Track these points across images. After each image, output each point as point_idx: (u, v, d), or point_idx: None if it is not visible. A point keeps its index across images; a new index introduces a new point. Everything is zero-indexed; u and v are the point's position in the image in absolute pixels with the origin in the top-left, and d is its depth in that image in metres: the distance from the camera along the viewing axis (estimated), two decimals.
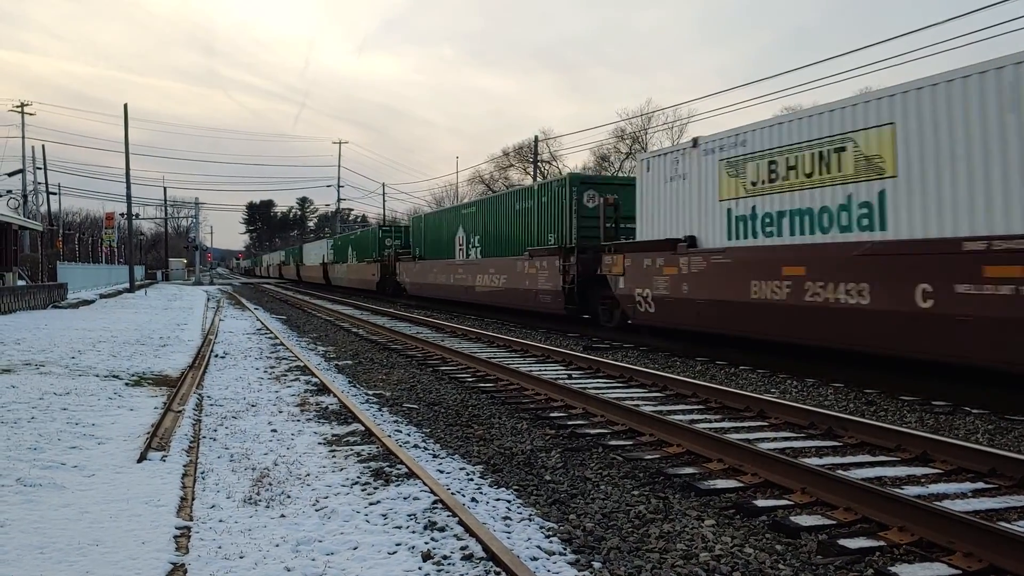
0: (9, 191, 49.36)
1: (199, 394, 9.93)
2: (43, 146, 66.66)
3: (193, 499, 5.56)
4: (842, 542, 4.68)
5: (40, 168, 58.47)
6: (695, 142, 14.50)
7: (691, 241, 14.43)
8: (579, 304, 19.31)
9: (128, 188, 45.13)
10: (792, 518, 5.14)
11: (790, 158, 12.14)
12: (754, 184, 12.90)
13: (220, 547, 4.60)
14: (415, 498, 5.52)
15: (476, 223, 26.74)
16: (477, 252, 26.49)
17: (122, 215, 57.30)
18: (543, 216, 21.13)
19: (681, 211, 14.85)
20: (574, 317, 20.09)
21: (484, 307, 26.39)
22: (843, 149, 11.16)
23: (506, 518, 5.23)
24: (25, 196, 53.95)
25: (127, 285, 45.60)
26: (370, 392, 10.61)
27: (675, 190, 15.03)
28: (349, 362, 14.07)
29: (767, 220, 12.58)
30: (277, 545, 4.65)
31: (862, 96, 11.09)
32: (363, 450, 7.05)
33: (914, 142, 10.02)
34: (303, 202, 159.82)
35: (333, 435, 7.72)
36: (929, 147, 9.82)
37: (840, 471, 5.92)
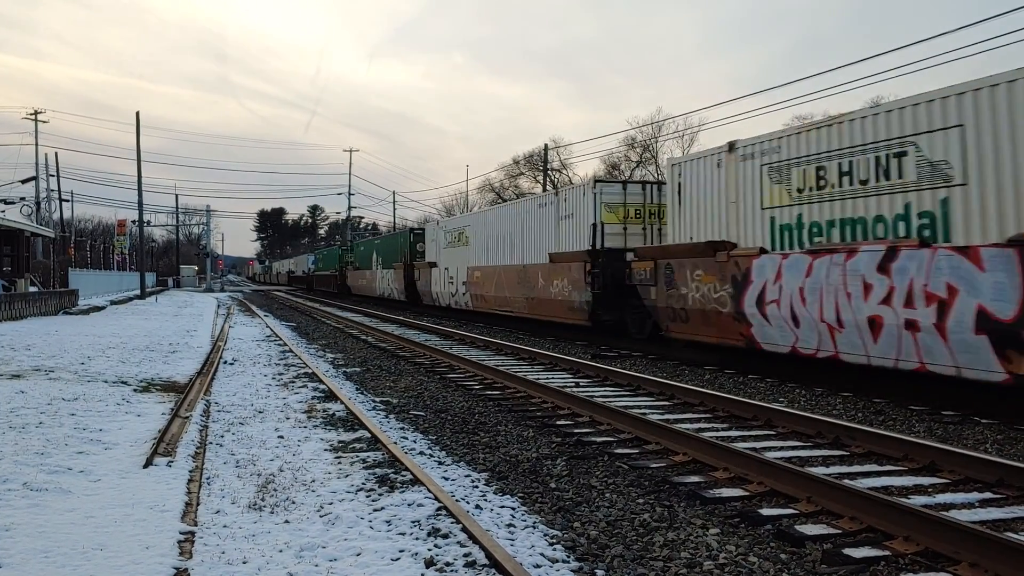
0: (22, 198, 49.74)
1: (207, 400, 9.96)
2: (56, 153, 67.13)
3: (198, 504, 5.58)
4: (847, 551, 4.66)
5: (53, 175, 59.05)
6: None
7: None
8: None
9: (140, 195, 45.49)
10: (797, 527, 5.12)
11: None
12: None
13: (223, 552, 4.61)
14: (419, 505, 5.53)
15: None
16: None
17: (134, 222, 57.75)
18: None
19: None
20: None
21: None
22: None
23: (510, 525, 5.22)
24: (38, 203, 54.41)
25: (138, 292, 45.84)
26: (377, 399, 10.63)
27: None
28: (357, 369, 14.10)
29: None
30: (280, 551, 4.66)
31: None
32: (369, 457, 7.06)
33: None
34: (314, 210, 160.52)
35: (339, 441, 7.73)
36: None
37: (846, 480, 5.89)
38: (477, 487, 6.19)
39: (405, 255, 35.69)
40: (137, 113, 43.32)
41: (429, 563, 4.45)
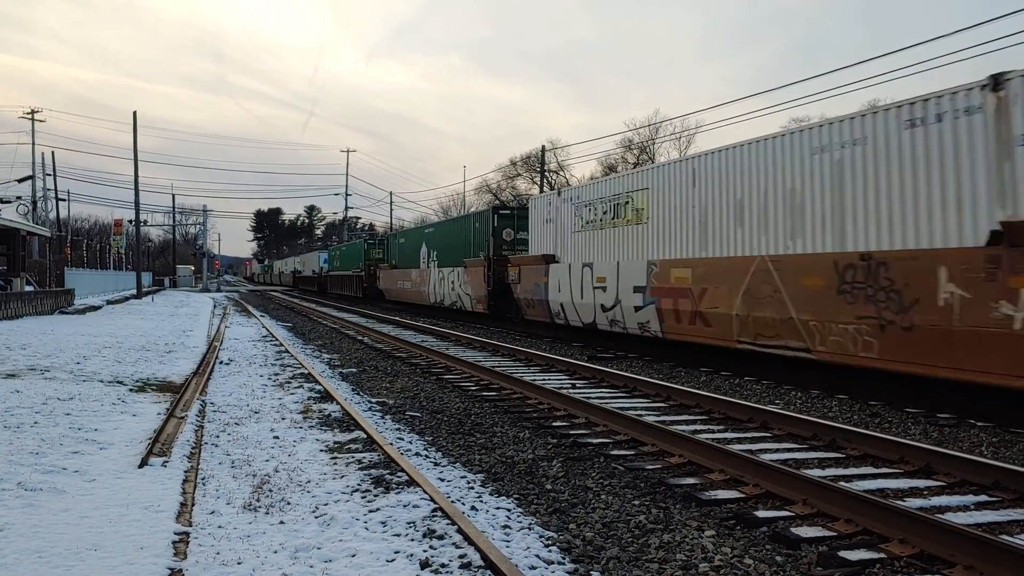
0: (19, 197, 49.62)
1: (202, 400, 9.94)
2: (52, 152, 67.00)
3: (193, 505, 5.56)
4: (842, 554, 4.66)
5: (49, 174, 58.93)
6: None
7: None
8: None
9: (136, 195, 45.41)
10: (793, 529, 5.12)
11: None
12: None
13: (218, 553, 4.60)
14: (415, 506, 5.52)
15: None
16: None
17: (130, 222, 57.60)
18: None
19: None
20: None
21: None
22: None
23: (505, 527, 5.21)
24: (34, 202, 54.31)
25: (134, 291, 45.76)
26: (373, 400, 10.61)
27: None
28: (353, 370, 14.08)
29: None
30: (275, 552, 4.65)
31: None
32: (364, 457, 7.04)
33: None
34: (311, 210, 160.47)
35: (335, 442, 7.71)
36: None
37: (842, 483, 5.89)
38: (473, 488, 6.18)
39: (487, 246, 24.62)
40: (134, 112, 43.31)
41: (424, 564, 4.44)
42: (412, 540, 4.86)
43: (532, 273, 21.21)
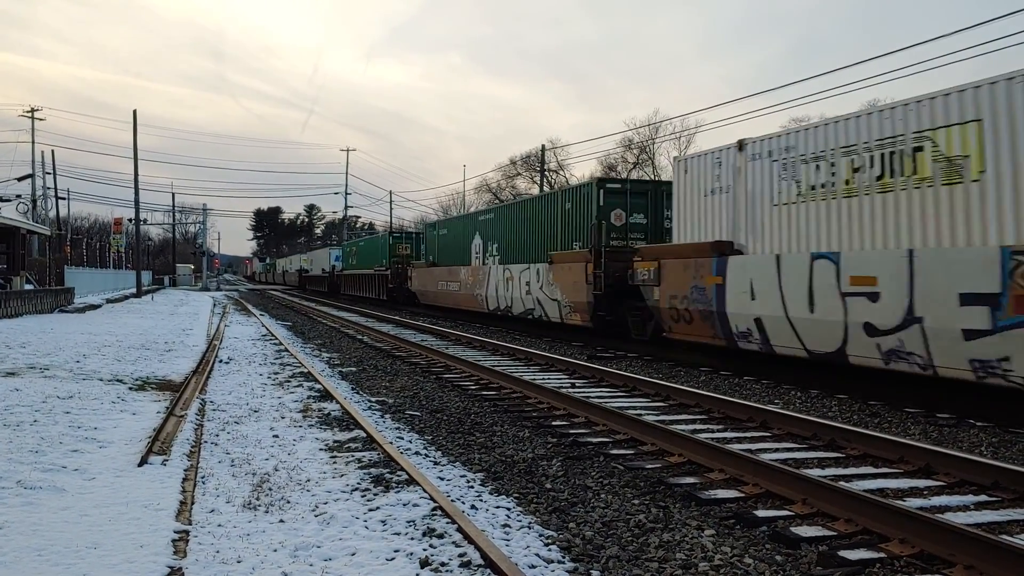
0: (18, 195, 49.57)
1: (202, 399, 9.94)
2: (52, 151, 66.98)
3: (192, 503, 5.56)
4: (842, 554, 4.66)
5: (49, 173, 58.88)
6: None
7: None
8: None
9: (136, 194, 45.43)
10: (792, 529, 5.12)
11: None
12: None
13: (218, 551, 4.60)
14: (415, 505, 5.52)
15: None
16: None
17: (130, 220, 57.56)
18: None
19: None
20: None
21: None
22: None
23: (505, 526, 5.21)
24: (34, 200, 54.26)
25: (134, 290, 45.78)
26: (373, 399, 10.61)
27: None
28: (353, 369, 14.08)
29: None
30: (275, 550, 4.65)
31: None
32: (364, 456, 7.04)
33: None
34: (310, 209, 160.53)
35: (335, 441, 7.71)
36: None
37: (842, 482, 5.88)
38: (473, 487, 6.18)
39: (591, 234, 17.67)
40: (134, 111, 43.41)
41: (424, 563, 4.44)
42: (412, 539, 4.85)
43: (685, 270, 14.02)
